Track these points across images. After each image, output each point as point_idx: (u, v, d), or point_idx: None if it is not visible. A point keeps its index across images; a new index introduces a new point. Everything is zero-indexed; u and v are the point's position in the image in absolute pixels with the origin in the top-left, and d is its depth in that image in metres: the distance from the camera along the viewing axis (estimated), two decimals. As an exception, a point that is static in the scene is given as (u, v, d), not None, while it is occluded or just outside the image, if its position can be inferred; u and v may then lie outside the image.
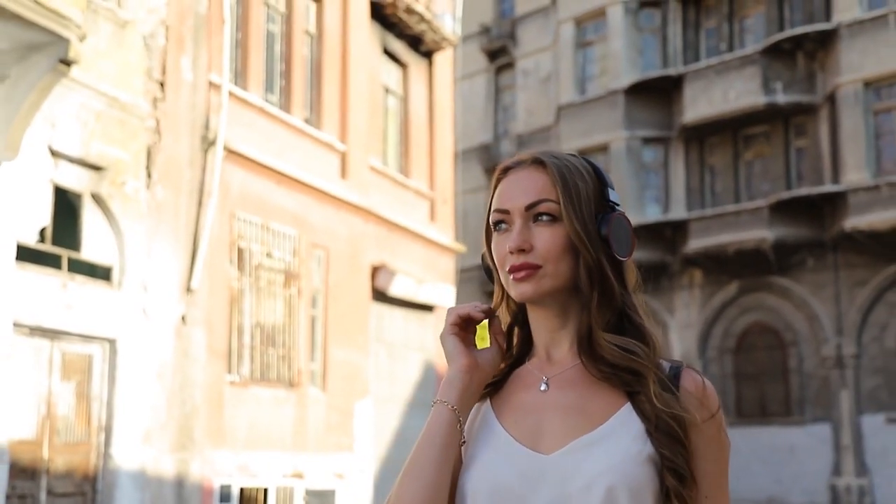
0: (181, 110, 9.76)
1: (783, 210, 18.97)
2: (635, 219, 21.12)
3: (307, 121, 12.08)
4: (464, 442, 1.38)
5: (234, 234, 10.45)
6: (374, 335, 12.83)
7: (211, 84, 10.20)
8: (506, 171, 1.42)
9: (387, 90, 14.11)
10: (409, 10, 13.77)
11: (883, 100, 18.48)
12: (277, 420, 10.82)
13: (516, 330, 1.46)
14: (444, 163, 15.13)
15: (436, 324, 14.27)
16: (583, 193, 1.36)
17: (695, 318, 20.72)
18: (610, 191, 1.39)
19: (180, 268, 9.60)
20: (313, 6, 12.45)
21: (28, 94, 7.33)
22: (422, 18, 14.04)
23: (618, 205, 1.40)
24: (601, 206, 1.37)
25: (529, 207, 1.35)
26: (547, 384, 1.39)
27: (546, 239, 1.35)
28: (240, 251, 10.53)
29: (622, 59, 22.07)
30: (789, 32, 19.58)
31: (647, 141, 21.81)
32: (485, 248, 1.44)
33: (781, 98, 19.61)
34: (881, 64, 18.26)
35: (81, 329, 8.46)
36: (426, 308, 14.01)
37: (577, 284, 1.36)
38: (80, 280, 8.52)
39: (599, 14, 22.75)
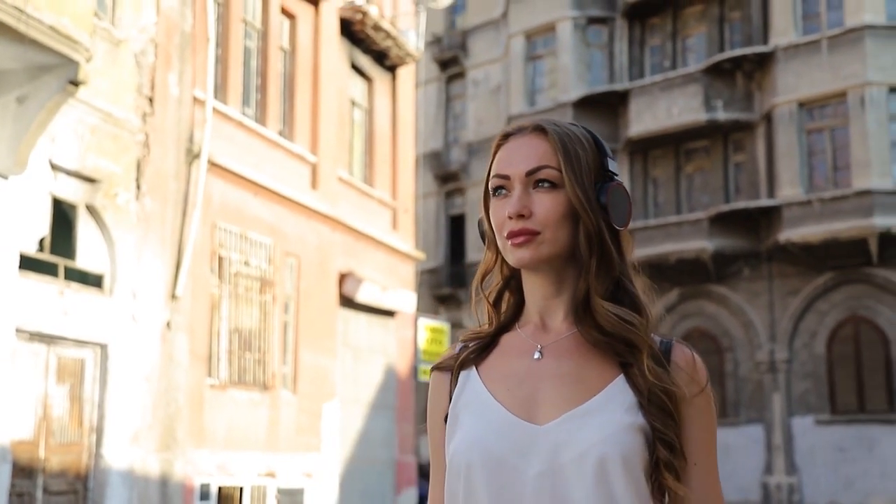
0: (168, 124, 10.19)
1: (722, 222, 19.96)
2: (582, 227, 21.93)
3: (281, 133, 12.57)
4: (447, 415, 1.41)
5: (215, 243, 10.90)
6: (341, 340, 13.36)
7: (195, 99, 10.64)
8: (506, 137, 1.43)
9: (353, 103, 14.64)
10: (377, 27, 14.32)
11: (815, 120, 19.58)
12: (252, 421, 11.30)
13: (507, 295, 1.47)
14: (406, 173, 15.72)
15: (397, 328, 14.85)
16: (583, 161, 1.37)
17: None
18: (609, 160, 1.40)
19: (166, 276, 10.04)
20: (287, 22, 12.93)
21: (38, 113, 7.73)
22: (388, 35, 14.60)
23: (616, 174, 1.41)
24: (600, 175, 1.38)
25: (530, 173, 1.36)
26: (541, 353, 1.39)
27: (546, 205, 1.36)
28: (220, 259, 10.99)
29: (571, 74, 22.90)
30: (729, 53, 20.60)
31: (594, 153, 22.64)
32: (482, 213, 1.47)
33: (721, 115, 20.62)
34: (814, 86, 19.35)
35: (75, 334, 8.86)
36: (388, 314, 14.57)
37: (574, 252, 1.38)
38: (76, 287, 8.92)
39: (549, 29, 23.55)
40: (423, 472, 16.67)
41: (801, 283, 19.53)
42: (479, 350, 1.44)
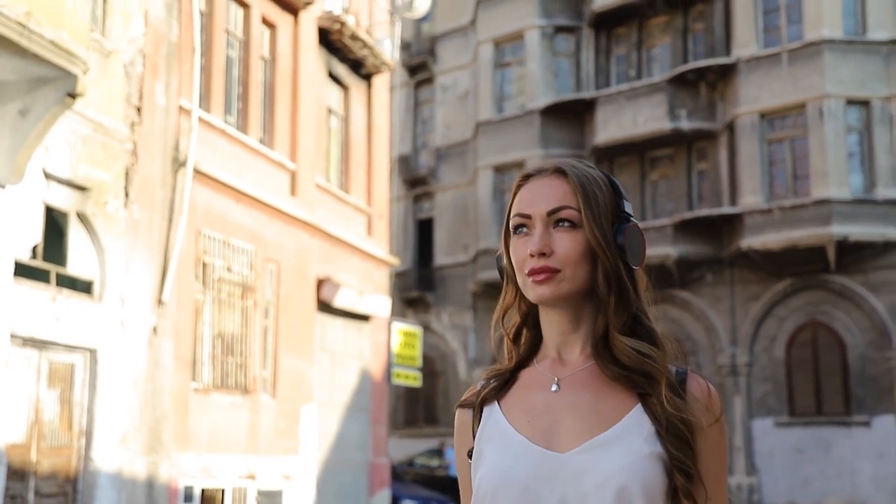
0: (155, 133, 10.38)
1: (685, 228, 20.49)
2: (549, 233, 22.36)
3: (261, 141, 12.78)
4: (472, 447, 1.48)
5: (200, 249, 11.11)
6: (319, 344, 13.60)
7: (181, 108, 10.84)
8: (527, 177, 1.49)
9: (330, 111, 14.89)
10: (354, 37, 14.58)
11: (776, 130, 20.18)
12: (234, 424, 11.52)
13: (524, 331, 1.52)
14: (381, 179, 16.00)
15: (371, 332, 15.12)
16: (601, 203, 1.43)
17: (602, 328, 22.08)
18: (625, 202, 1.47)
19: (152, 282, 10.23)
20: (267, 32, 13.15)
21: (35, 125, 7.91)
22: (365, 44, 14.87)
23: (631, 216, 1.47)
24: (616, 216, 1.44)
25: (551, 213, 1.43)
26: (558, 385, 1.44)
27: (566, 244, 1.41)
28: (204, 266, 11.19)
29: (538, 81, 23.32)
30: (693, 64, 21.15)
31: (561, 159, 23.10)
32: (502, 249, 1.52)
33: (685, 124, 21.17)
34: (775, 97, 19.95)
35: (66, 340, 9.03)
36: (363, 318, 14.84)
37: (591, 289, 1.43)
38: (67, 294, 9.09)
39: (517, 37, 23.95)
40: (396, 474, 16.95)
41: (761, 289, 20.12)
42: (499, 386, 1.50)
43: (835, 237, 18.70)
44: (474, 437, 1.48)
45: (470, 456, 1.48)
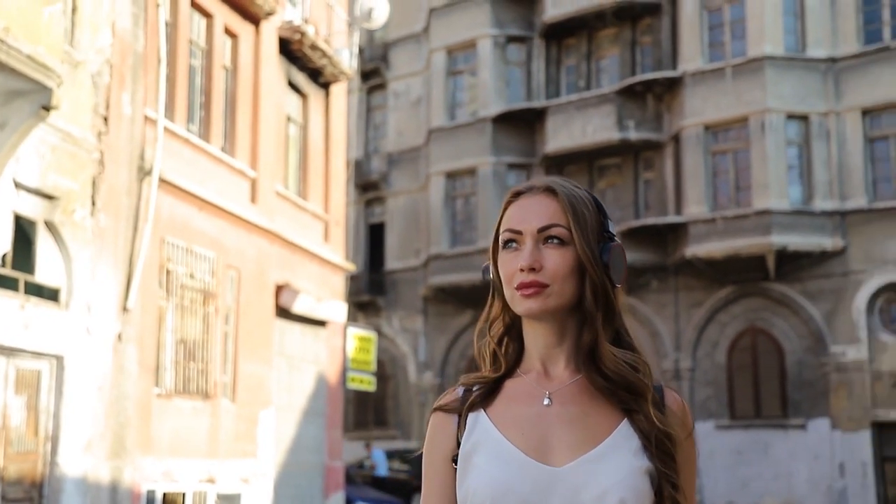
0: (121, 143, 10.53)
1: (632, 236, 21.06)
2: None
3: (223, 149, 12.96)
4: (458, 453, 1.49)
5: (164, 257, 11.27)
6: (277, 349, 13.82)
7: (146, 117, 10.99)
8: (517, 195, 1.53)
9: (289, 119, 15.10)
10: (314, 47, 14.82)
11: (720, 142, 20.86)
12: (195, 429, 11.70)
13: (507, 342, 1.55)
14: (338, 186, 16.25)
15: (328, 338, 15.37)
16: (589, 222, 1.48)
17: (550, 332, 22.58)
18: (609, 222, 1.52)
19: (118, 289, 10.38)
20: (229, 42, 13.34)
21: (10, 137, 8.05)
22: (324, 54, 15.12)
23: (615, 235, 1.52)
24: (601, 236, 1.49)
25: (542, 230, 1.47)
26: (550, 398, 1.48)
27: (555, 260, 1.45)
28: (167, 273, 11.36)
29: (490, 89, 23.75)
30: (641, 77, 21.75)
31: (512, 167, 23.58)
32: (489, 263, 1.56)
33: (633, 135, 21.76)
34: (719, 111, 20.63)
35: (34, 347, 9.16)
36: (320, 323, 15.09)
37: (576, 305, 1.48)
38: (35, 301, 9.22)
39: (470, 45, 24.35)
40: (349, 478, 17.20)
41: (704, 296, 20.78)
42: (485, 394, 1.53)
43: (774, 247, 19.41)
44: (458, 443, 1.50)
45: (454, 461, 1.49)
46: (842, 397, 19.49)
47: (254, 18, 13.62)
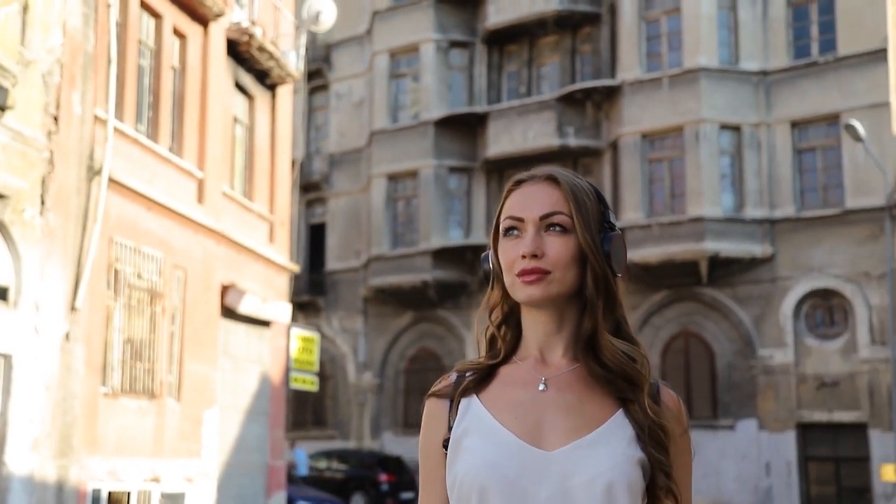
0: (71, 142, 10.53)
1: (570, 241, 21.50)
2: (440, 242, 23.12)
3: (171, 149, 12.99)
4: (448, 437, 1.49)
5: (112, 256, 11.29)
6: (222, 349, 13.89)
7: (96, 117, 11.00)
8: (519, 183, 1.53)
9: (235, 120, 15.16)
10: (261, 49, 14.91)
11: (656, 150, 21.45)
12: (140, 428, 11.73)
13: (505, 329, 1.55)
14: (283, 188, 16.35)
15: (272, 338, 15.46)
16: (591, 210, 1.48)
17: (489, 334, 22.93)
18: (609, 213, 1.52)
19: (66, 288, 10.38)
20: (178, 42, 13.37)
21: (-36, 135, 8.05)
22: (271, 56, 15.21)
23: (615, 225, 1.52)
24: (601, 226, 1.49)
25: (544, 217, 1.47)
26: (545, 384, 1.48)
27: (557, 247, 1.45)
28: (115, 273, 11.37)
29: (432, 93, 24.03)
30: (580, 85, 22.26)
31: (453, 170, 23.89)
32: (490, 251, 1.56)
33: (572, 141, 22.25)
34: (656, 119, 21.21)
35: (-18, 346, 9.15)
36: (264, 324, 15.18)
37: (577, 293, 1.48)
38: (-17, 300, 9.20)
39: (413, 49, 24.60)
40: (291, 477, 17.30)
41: (640, 300, 21.33)
42: (478, 379, 1.52)
43: (707, 253, 20.04)
44: (451, 428, 1.50)
45: (445, 446, 1.49)
46: (769, 399, 20.21)
47: (202, 20, 13.67)
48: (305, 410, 25.21)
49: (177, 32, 13.27)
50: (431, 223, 23.33)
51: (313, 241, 26.60)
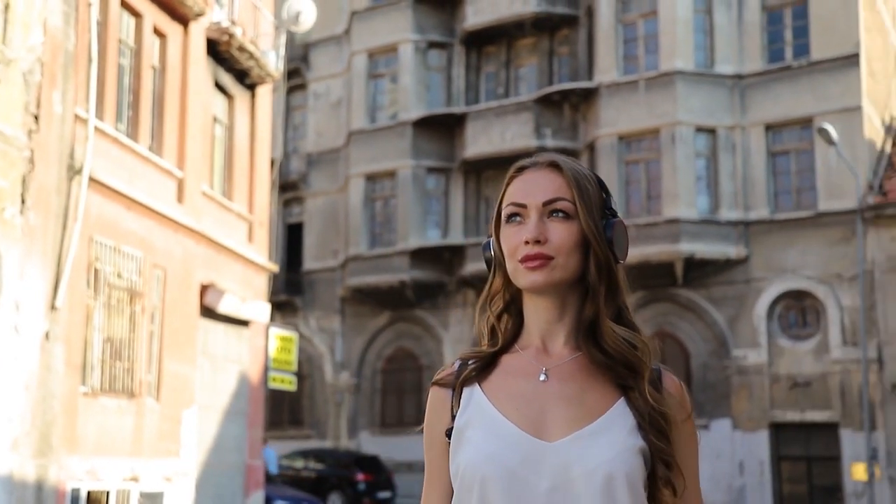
0: (52, 141, 10.52)
1: (547, 241, 21.65)
2: (417, 242, 23.20)
3: (151, 149, 12.99)
4: (451, 427, 1.49)
5: (92, 256, 11.28)
6: (201, 349, 13.89)
7: (76, 116, 10.99)
8: (521, 169, 1.53)
9: (215, 119, 15.17)
10: (241, 48, 14.93)
11: (632, 152, 21.64)
12: (120, 428, 11.72)
13: (506, 318, 1.55)
14: (262, 187, 16.37)
15: (250, 338, 15.48)
16: (593, 197, 1.49)
17: (466, 334, 23.06)
18: (611, 200, 1.52)
19: (46, 288, 10.37)
20: (158, 42, 13.36)
21: (-54, 134, 8.04)
22: (251, 56, 15.23)
23: (617, 212, 1.53)
24: (603, 213, 1.50)
25: (547, 203, 1.47)
26: (546, 375, 1.47)
27: (560, 233, 1.45)
28: (95, 272, 11.37)
29: (411, 94, 24.10)
30: (558, 86, 22.41)
31: (431, 170, 23.98)
32: (492, 238, 1.55)
33: (550, 142, 22.39)
34: (633, 122, 21.40)
35: (-38, 345, 9.13)
36: (243, 323, 15.19)
37: (579, 280, 1.48)
38: (-37, 299, 9.18)
39: (391, 49, 24.66)
40: (268, 477, 17.32)
41: (615, 300, 21.48)
42: (479, 368, 1.52)
43: (683, 254, 20.25)
44: (454, 417, 1.50)
45: (448, 436, 1.50)
46: (742, 399, 20.46)
47: (183, 19, 13.67)
48: (282, 410, 25.20)
49: (157, 32, 13.26)
50: (409, 223, 23.41)
51: (290, 240, 26.60)
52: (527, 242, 1.45)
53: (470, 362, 1.54)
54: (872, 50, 21.48)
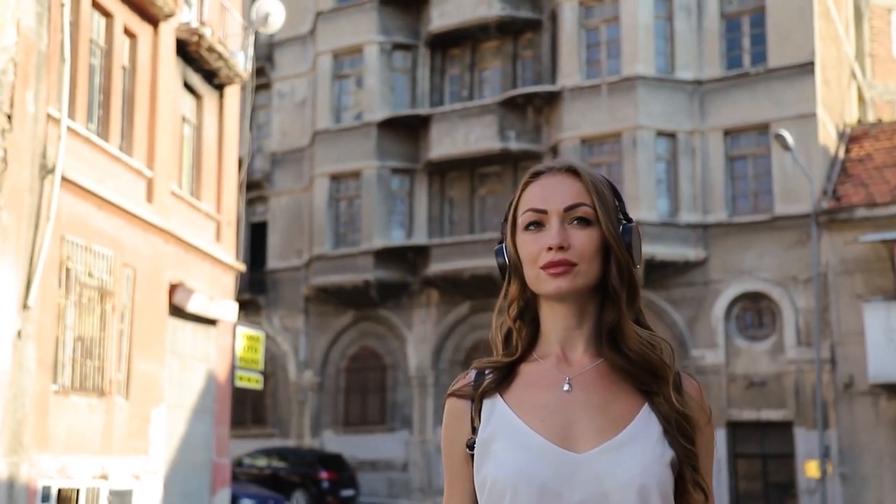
0: (24, 140, 10.57)
1: (511, 242, 21.94)
2: (382, 242, 23.38)
3: (121, 148, 13.05)
4: (473, 439, 1.47)
5: (63, 255, 11.33)
6: (170, 347, 13.97)
7: (49, 116, 11.04)
8: (536, 175, 1.52)
9: (184, 119, 15.24)
10: (210, 49, 15.02)
11: (595, 156, 21.99)
12: (90, 426, 11.79)
13: (521, 326, 1.53)
14: (230, 187, 16.46)
15: (218, 336, 15.57)
16: (610, 203, 1.49)
17: (430, 334, 23.29)
18: (623, 205, 1.53)
19: (18, 286, 10.41)
20: (128, 42, 13.42)
21: (-76, 134, 8.09)
22: (220, 56, 15.33)
23: (631, 218, 1.53)
24: (618, 218, 1.50)
25: (568, 209, 1.46)
26: (570, 385, 1.46)
27: (583, 239, 1.45)
28: (67, 271, 11.42)
29: (375, 95, 24.26)
30: (522, 90, 22.71)
31: (396, 171, 24.16)
32: (508, 244, 1.53)
33: (513, 145, 22.68)
34: (595, 125, 21.76)
35: (-65, 343, 9.16)
36: (211, 322, 15.28)
37: (598, 286, 1.47)
38: (-63, 298, 9.22)
39: (356, 50, 24.80)
40: (235, 475, 17.41)
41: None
42: (499, 379, 1.50)
43: (645, 257, 20.63)
44: (474, 429, 1.48)
45: (470, 447, 1.48)
46: (700, 397, 20.89)
47: (153, 19, 13.73)
48: (245, 408, 25.21)
49: (127, 32, 13.33)
50: (374, 223, 23.58)
51: (254, 239, 26.62)
52: (550, 249, 1.44)
53: (486, 372, 1.52)
54: (827, 59, 22.07)
